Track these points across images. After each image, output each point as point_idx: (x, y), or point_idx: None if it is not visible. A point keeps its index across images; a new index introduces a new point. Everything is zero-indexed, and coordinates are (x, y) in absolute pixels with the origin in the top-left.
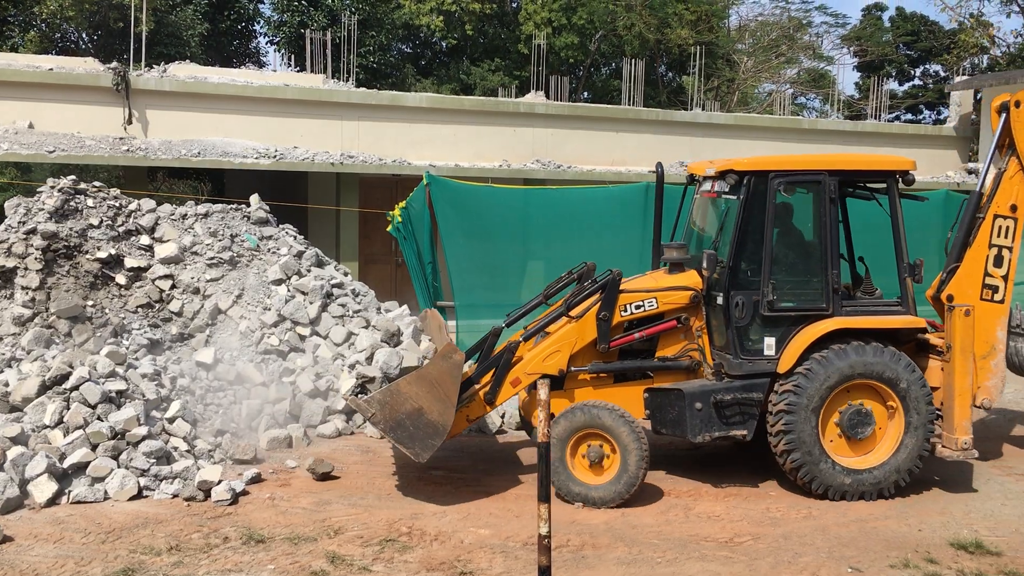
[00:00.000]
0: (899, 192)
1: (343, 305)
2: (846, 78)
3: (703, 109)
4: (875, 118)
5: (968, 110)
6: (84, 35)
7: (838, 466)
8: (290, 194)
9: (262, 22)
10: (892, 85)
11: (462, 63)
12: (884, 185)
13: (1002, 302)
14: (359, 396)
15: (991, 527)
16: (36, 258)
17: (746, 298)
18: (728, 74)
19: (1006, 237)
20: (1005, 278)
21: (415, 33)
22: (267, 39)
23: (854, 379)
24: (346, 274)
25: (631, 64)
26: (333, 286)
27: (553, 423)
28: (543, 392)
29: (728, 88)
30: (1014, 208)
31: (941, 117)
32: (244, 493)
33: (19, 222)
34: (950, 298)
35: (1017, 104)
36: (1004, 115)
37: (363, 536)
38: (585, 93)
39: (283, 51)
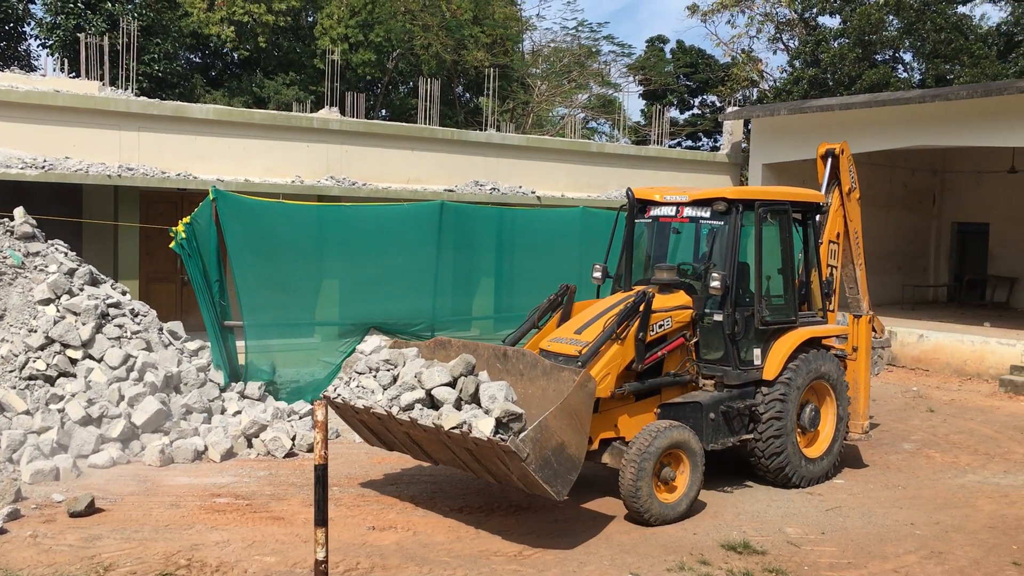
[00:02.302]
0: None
1: (120, 326)
2: (632, 105)
3: (498, 130)
4: (658, 143)
5: (739, 138)
6: None
7: (805, 457)
8: (63, 208)
9: (33, 23)
10: (674, 113)
11: (255, 76)
12: (802, 214)
13: (833, 311)
14: (498, 435)
15: (757, 527)
16: None
17: (741, 314)
18: (523, 97)
19: (834, 259)
20: (835, 291)
21: (204, 43)
22: (39, 42)
23: (814, 381)
24: (124, 293)
25: (428, 83)
26: (109, 306)
27: (638, 447)
28: (320, 413)
29: (523, 110)
30: (839, 235)
31: (717, 144)
32: (2, 532)
33: None
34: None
35: (842, 151)
36: (831, 160)
37: (136, 572)
38: (383, 111)
39: (57, 55)
